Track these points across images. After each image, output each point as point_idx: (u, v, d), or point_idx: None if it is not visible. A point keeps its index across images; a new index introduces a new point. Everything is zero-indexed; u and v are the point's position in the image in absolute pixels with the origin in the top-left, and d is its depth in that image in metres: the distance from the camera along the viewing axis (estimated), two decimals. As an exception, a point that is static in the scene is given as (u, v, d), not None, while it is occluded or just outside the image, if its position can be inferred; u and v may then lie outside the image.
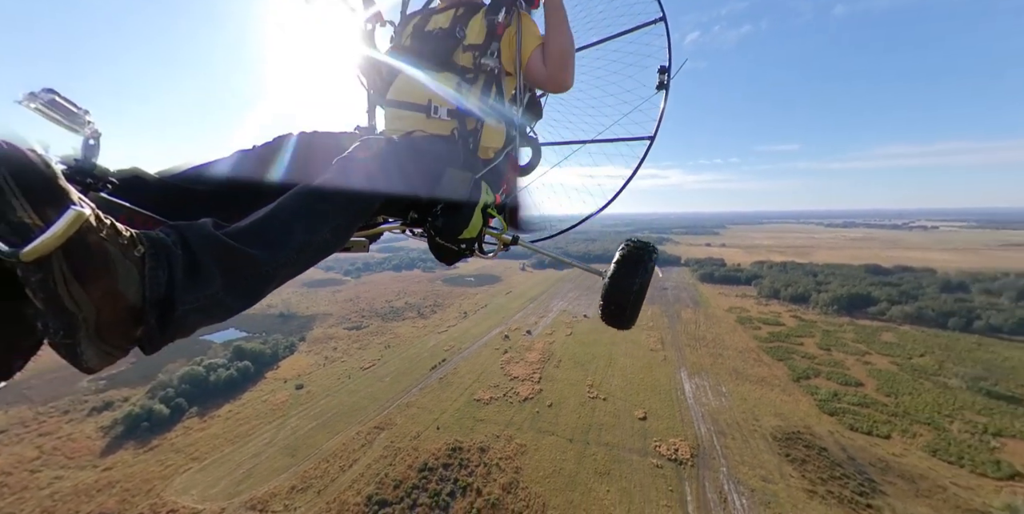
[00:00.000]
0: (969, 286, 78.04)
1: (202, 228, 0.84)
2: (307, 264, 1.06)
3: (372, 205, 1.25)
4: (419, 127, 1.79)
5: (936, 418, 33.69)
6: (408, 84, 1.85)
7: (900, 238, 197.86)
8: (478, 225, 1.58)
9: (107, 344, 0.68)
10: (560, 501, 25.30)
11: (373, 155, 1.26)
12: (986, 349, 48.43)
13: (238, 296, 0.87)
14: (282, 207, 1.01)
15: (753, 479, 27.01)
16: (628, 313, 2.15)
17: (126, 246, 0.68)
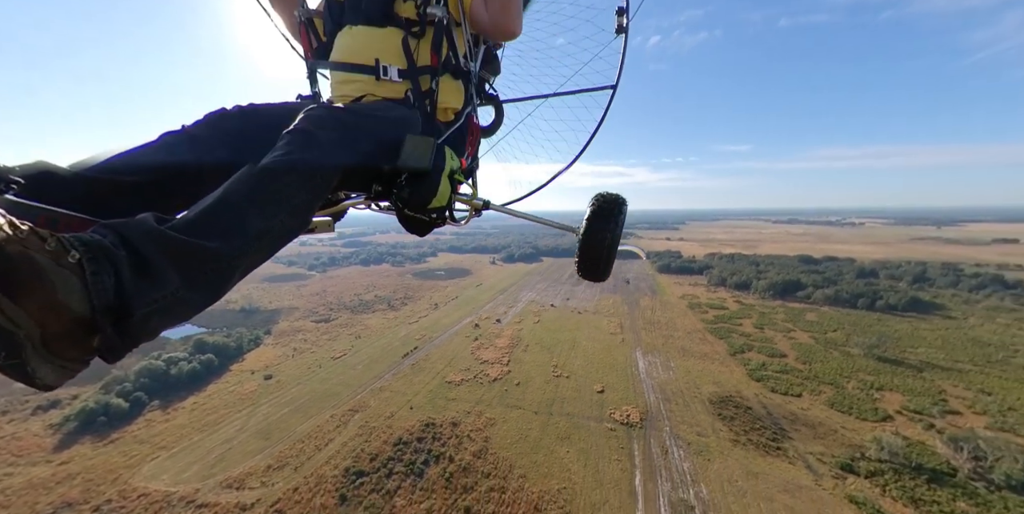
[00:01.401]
0: (878, 272, 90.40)
1: (143, 224, 0.77)
2: (271, 250, 1.01)
3: (330, 181, 1.16)
4: (369, 91, 1.67)
5: (838, 379, 40.17)
6: (351, 43, 1.71)
7: (832, 233, 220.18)
8: (446, 193, 1.52)
9: (60, 359, 0.63)
10: (525, 462, 28.18)
11: (322, 125, 1.17)
12: (883, 324, 57.24)
13: (200, 292, 0.83)
14: (231, 192, 0.93)
15: (690, 435, 31.38)
16: (603, 265, 2.16)
17: (56, 253, 0.61)
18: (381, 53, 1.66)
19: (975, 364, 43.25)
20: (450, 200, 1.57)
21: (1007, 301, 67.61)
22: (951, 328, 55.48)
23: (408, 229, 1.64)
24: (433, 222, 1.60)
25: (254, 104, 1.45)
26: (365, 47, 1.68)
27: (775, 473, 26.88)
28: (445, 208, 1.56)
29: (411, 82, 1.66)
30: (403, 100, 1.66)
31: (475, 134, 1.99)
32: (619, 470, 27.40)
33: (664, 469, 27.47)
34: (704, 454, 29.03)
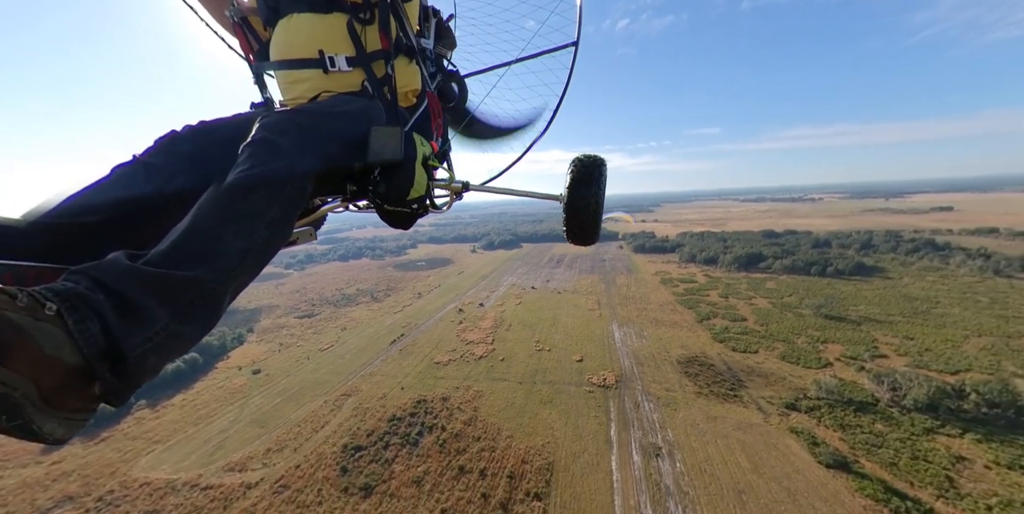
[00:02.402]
0: (831, 242, 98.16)
1: (116, 264, 0.75)
2: (256, 269, 0.99)
3: (303, 189, 1.11)
4: (322, 88, 1.58)
5: (789, 336, 44.83)
6: (292, 37, 1.57)
7: (794, 209, 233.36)
8: (423, 181, 1.47)
9: (64, 411, 0.62)
10: (512, 425, 30.70)
11: (281, 131, 1.12)
12: (832, 287, 63.17)
13: (192, 322, 0.82)
14: (201, 216, 0.91)
15: (660, 391, 34.81)
16: (590, 229, 2.15)
17: (30, 309, 0.59)
18: (325, 43, 1.54)
19: (903, 316, 49.11)
20: (428, 188, 1.52)
21: (936, 262, 75.68)
22: (888, 287, 62.00)
23: (391, 224, 1.59)
24: (415, 213, 1.54)
25: (205, 122, 1.38)
26: (307, 39, 1.55)
27: (731, 416, 30.61)
28: (425, 197, 1.51)
29: (364, 70, 1.57)
30: (361, 91, 1.58)
31: (440, 115, 1.91)
32: (596, 424, 30.38)
33: (636, 420, 30.68)
34: (671, 406, 32.48)
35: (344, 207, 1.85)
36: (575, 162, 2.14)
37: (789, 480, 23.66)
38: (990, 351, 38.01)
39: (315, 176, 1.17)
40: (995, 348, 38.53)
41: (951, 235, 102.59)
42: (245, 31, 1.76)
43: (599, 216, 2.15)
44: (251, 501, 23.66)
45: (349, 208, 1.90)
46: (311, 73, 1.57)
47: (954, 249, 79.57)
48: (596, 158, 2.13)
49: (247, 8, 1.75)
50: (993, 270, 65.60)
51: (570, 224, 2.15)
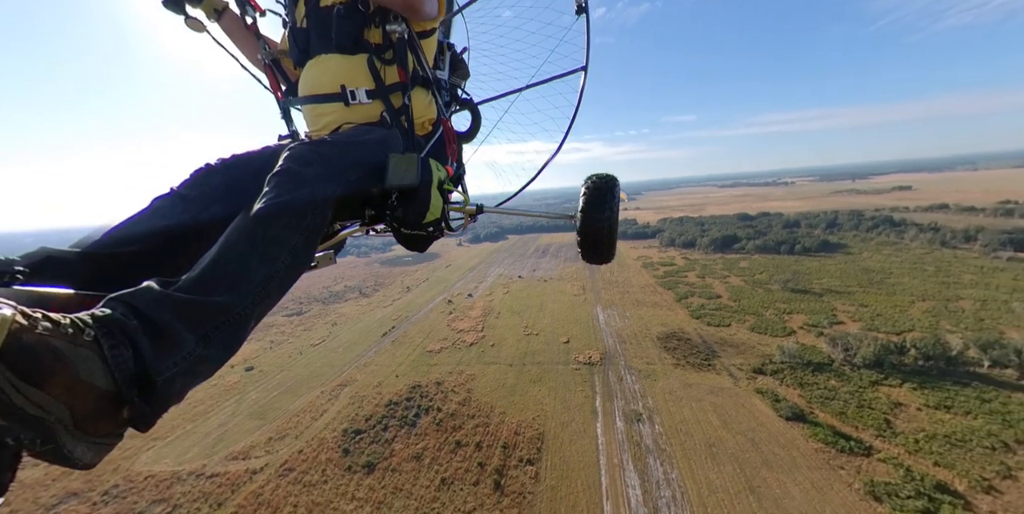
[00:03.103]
0: (800, 223, 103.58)
1: (149, 291, 0.80)
2: (281, 292, 1.04)
3: (324, 215, 1.19)
4: (344, 120, 1.69)
5: (759, 310, 48.16)
6: (318, 75, 1.71)
7: (769, 192, 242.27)
8: (439, 205, 1.53)
9: (95, 436, 0.64)
10: (504, 403, 32.58)
11: (305, 162, 1.19)
12: (799, 264, 67.35)
13: (217, 346, 0.86)
14: (229, 244, 0.97)
15: (640, 364, 37.33)
16: (606, 249, 2.19)
17: (72, 334, 0.63)
18: (347, 79, 1.66)
19: (860, 286, 53.30)
20: (444, 211, 1.58)
21: (892, 237, 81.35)
22: (848, 262, 66.63)
23: (407, 247, 1.65)
24: (431, 236, 1.59)
25: (236, 154, 1.48)
26: (332, 76, 1.67)
27: (705, 382, 33.34)
28: (440, 220, 1.57)
29: (383, 102, 1.67)
30: (380, 121, 1.67)
31: (455, 140, 2.00)
32: (583, 397, 32.60)
33: (619, 392, 33.05)
34: (651, 377, 35.01)
35: (363, 232, 1.91)
36: (587, 183, 2.17)
37: (753, 432, 26.42)
38: (931, 313, 42.16)
39: (336, 203, 1.24)
40: (935, 310, 42.75)
41: (907, 212, 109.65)
42: (275, 71, 1.92)
43: (614, 237, 2.18)
44: (258, 484, 24.78)
45: (368, 232, 1.96)
46: (334, 106, 1.69)
47: (908, 225, 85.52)
48: (608, 178, 2.16)
49: (278, 51, 1.92)
50: (940, 242, 71.26)
51: (585, 245, 2.18)
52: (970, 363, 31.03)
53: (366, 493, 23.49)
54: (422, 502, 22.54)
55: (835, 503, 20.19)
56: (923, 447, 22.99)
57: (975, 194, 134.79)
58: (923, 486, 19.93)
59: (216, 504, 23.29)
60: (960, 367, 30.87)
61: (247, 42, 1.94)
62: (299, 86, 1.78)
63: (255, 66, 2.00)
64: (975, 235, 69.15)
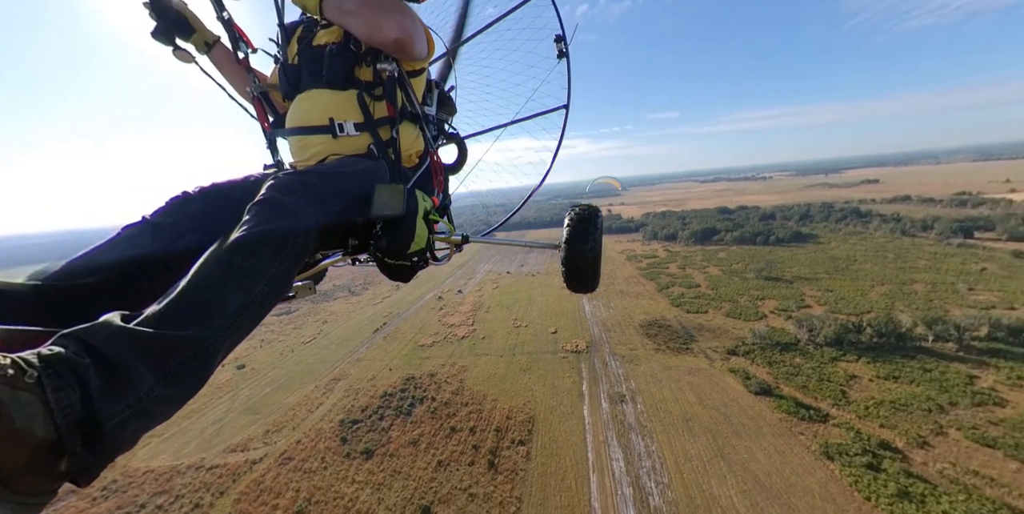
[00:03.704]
0: (775, 215, 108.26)
1: (106, 326, 0.73)
2: (251, 325, 0.98)
3: (306, 245, 1.16)
4: (331, 151, 1.69)
5: (734, 297, 50.99)
6: (307, 108, 1.73)
7: (747, 187, 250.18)
8: (424, 235, 1.53)
9: (24, 494, 0.55)
10: (496, 390, 34.06)
11: (289, 191, 1.17)
12: (773, 253, 70.94)
13: (178, 384, 0.79)
14: (202, 273, 0.91)
15: (624, 350, 39.38)
16: (590, 276, 2.20)
17: (11, 376, 0.55)
18: (336, 112, 1.67)
19: (827, 273, 56.90)
20: (429, 241, 1.58)
21: (858, 227, 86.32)
22: (818, 251, 70.61)
23: (391, 278, 1.61)
24: (415, 266, 1.58)
25: (216, 183, 1.44)
26: (321, 110, 1.69)
27: (683, 364, 35.61)
28: (425, 250, 1.57)
29: (371, 134, 1.68)
30: (367, 153, 1.68)
31: (441, 172, 2.02)
32: (570, 382, 34.39)
33: (604, 376, 34.97)
34: (634, 362, 37.09)
35: (345, 262, 1.88)
36: (570, 214, 2.21)
37: (726, 407, 28.70)
38: (888, 296, 45.70)
39: (319, 232, 1.22)
40: (892, 293, 46.34)
41: (873, 204, 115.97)
42: (263, 103, 1.92)
43: (598, 266, 2.22)
44: (258, 473, 25.58)
45: (351, 262, 1.94)
46: (322, 138, 1.68)
47: (873, 216, 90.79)
48: (591, 209, 2.21)
49: (268, 84, 1.94)
50: (901, 231, 76.21)
51: (569, 275, 2.21)
52: (917, 339, 34.19)
53: (366, 476, 24.63)
54: (420, 482, 23.84)
55: (794, 463, 22.51)
56: (871, 412, 25.65)
57: (935, 186, 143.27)
58: (869, 445, 22.46)
59: (218, 492, 24.03)
60: (908, 342, 34.00)
61: (236, 74, 1.97)
62: (287, 118, 1.81)
63: (243, 97, 2.01)
64: (931, 224, 74.27)
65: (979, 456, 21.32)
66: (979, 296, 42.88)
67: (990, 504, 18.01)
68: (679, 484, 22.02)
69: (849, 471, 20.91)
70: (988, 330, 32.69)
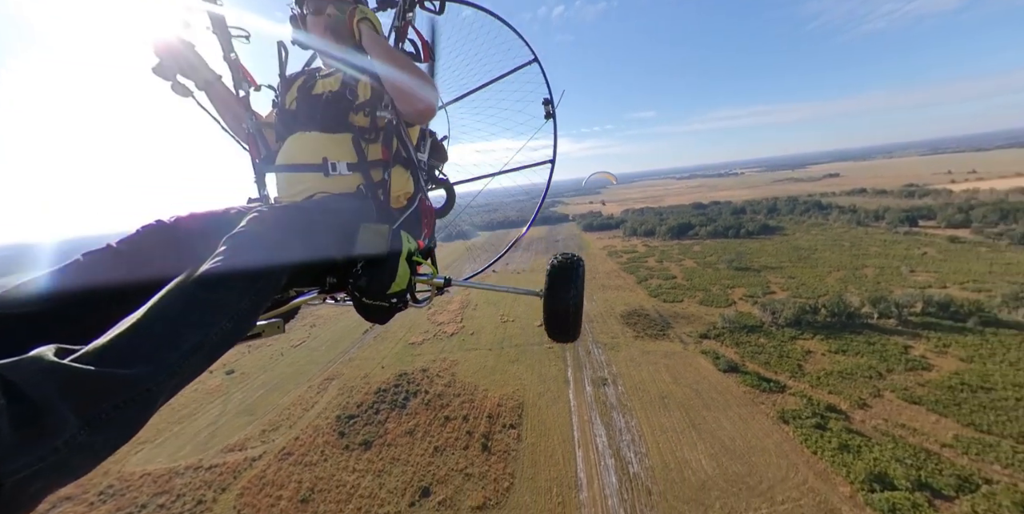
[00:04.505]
0: (746, 209, 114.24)
1: (36, 361, 0.65)
2: (205, 365, 0.89)
3: (277, 281, 1.11)
4: (320, 189, 1.69)
5: (707, 286, 54.42)
6: (300, 146, 1.77)
7: (720, 183, 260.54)
8: (406, 276, 1.52)
9: None
10: (486, 381, 35.74)
11: (272, 225, 1.14)
12: (743, 246, 75.36)
13: (111, 433, 0.68)
14: (161, 306, 0.84)
15: (606, 339, 41.81)
16: (571, 327, 2.23)
17: None
18: (329, 153, 1.70)
19: (791, 262, 61.31)
20: (411, 282, 1.56)
21: (820, 218, 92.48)
22: (783, 242, 75.55)
23: (367, 318, 1.58)
24: (394, 307, 1.54)
25: (194, 213, 1.39)
26: (314, 149, 1.72)
27: (660, 349, 38.28)
28: (406, 291, 1.54)
29: (362, 175, 1.70)
30: (355, 192, 1.68)
31: (429, 216, 2.02)
32: (556, 370, 36.45)
33: (588, 363, 37.22)
34: (615, 348, 39.53)
35: (321, 300, 1.85)
36: (554, 261, 2.26)
37: (697, 384, 31.40)
38: (842, 280, 50.04)
39: (296, 268, 1.18)
40: (846, 278, 50.75)
41: (834, 196, 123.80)
42: (257, 139, 1.96)
43: (579, 316, 2.25)
44: (259, 469, 26.38)
45: (326, 301, 1.92)
46: (312, 176, 1.71)
47: (833, 208, 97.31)
48: (574, 259, 2.25)
49: (263, 121, 2.00)
50: (856, 221, 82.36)
51: (550, 324, 2.25)
52: (864, 316, 38.03)
53: (365, 465, 25.87)
54: (418, 467, 25.28)
55: (755, 428, 25.24)
56: (822, 382, 28.84)
57: (888, 179, 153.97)
58: (818, 409, 25.46)
59: (220, 489, 24.74)
60: (857, 320, 37.79)
61: (231, 110, 2.00)
62: (279, 155, 1.83)
63: (236, 132, 2.05)
64: (883, 214, 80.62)
65: (907, 412, 24.61)
66: (919, 277, 47.65)
67: (911, 449, 21.11)
68: (655, 453, 24.34)
69: (800, 432, 23.74)
70: (922, 306, 36.79)
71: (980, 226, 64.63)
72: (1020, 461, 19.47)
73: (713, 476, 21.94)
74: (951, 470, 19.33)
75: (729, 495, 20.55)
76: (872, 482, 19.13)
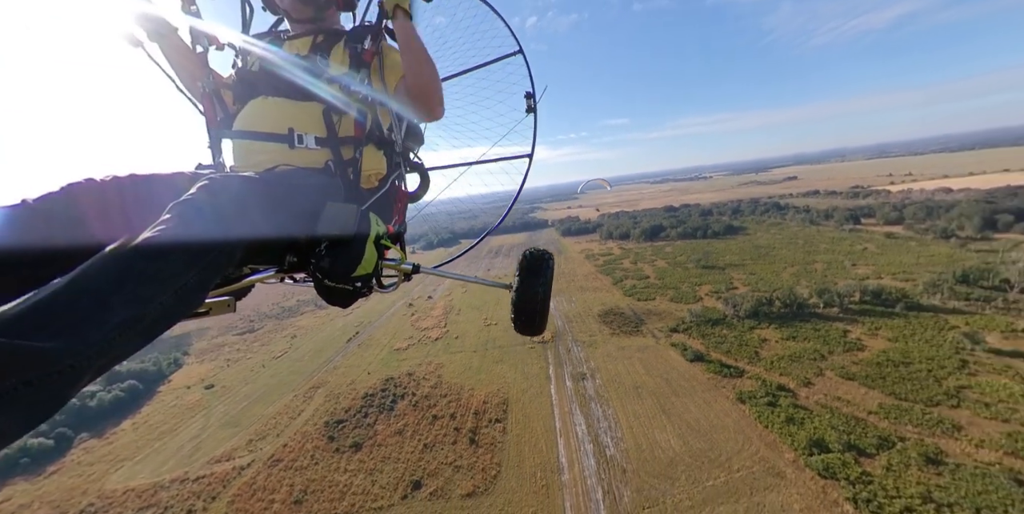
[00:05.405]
0: (713, 211, 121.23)
1: None
2: (141, 343, 0.81)
3: (230, 256, 1.02)
4: (283, 160, 1.58)
5: (678, 285, 58.09)
6: (262, 113, 1.66)
7: (690, 186, 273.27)
8: (373, 259, 1.45)
9: None
10: (472, 381, 37.15)
11: (228, 195, 1.06)
12: (710, 245, 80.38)
13: (15, 413, 0.59)
14: (90, 274, 0.76)
15: (584, 337, 44.16)
16: (538, 320, 2.24)
17: None
18: (297, 123, 1.60)
19: (751, 259, 66.26)
20: (377, 266, 1.51)
21: (777, 219, 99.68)
22: (745, 241, 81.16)
23: (329, 301, 1.51)
24: (357, 291, 1.47)
25: (136, 174, 1.25)
26: (278, 117, 1.62)
27: (634, 344, 40.95)
28: (371, 275, 1.48)
29: (331, 151, 1.61)
30: (324, 169, 1.59)
31: (402, 200, 1.96)
32: (538, 368, 38.35)
33: (567, 360, 39.35)
34: (593, 346, 41.91)
35: (278, 279, 1.78)
36: (524, 255, 2.31)
37: (667, 374, 34.08)
38: (795, 274, 54.87)
39: (251, 244, 1.11)
40: (798, 272, 55.67)
41: (791, 198, 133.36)
42: (214, 100, 1.81)
43: (546, 311, 2.28)
44: (248, 477, 26.63)
45: (284, 280, 1.86)
46: (276, 146, 1.60)
47: (789, 208, 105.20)
48: (544, 252, 2.31)
49: (221, 82, 1.86)
50: (809, 221, 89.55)
51: (517, 318, 2.24)
52: (812, 306, 42.22)
53: (357, 465, 26.69)
54: (409, 463, 26.37)
55: (717, 409, 27.99)
56: (775, 365, 32.15)
57: (838, 181, 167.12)
58: (770, 389, 28.55)
59: (210, 498, 24.90)
60: (806, 310, 41.90)
61: (186, 67, 1.86)
62: (238, 119, 1.72)
63: (191, 92, 1.92)
64: (832, 214, 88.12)
65: (843, 387, 28.07)
66: (859, 270, 53.02)
67: (844, 418, 24.32)
68: (629, 436, 26.57)
69: (755, 410, 26.61)
70: (860, 295, 41.36)
71: (911, 223, 72.20)
72: (927, 421, 22.95)
73: (680, 453, 24.32)
74: (874, 432, 22.54)
75: (693, 468, 22.94)
76: (811, 447, 22.01)
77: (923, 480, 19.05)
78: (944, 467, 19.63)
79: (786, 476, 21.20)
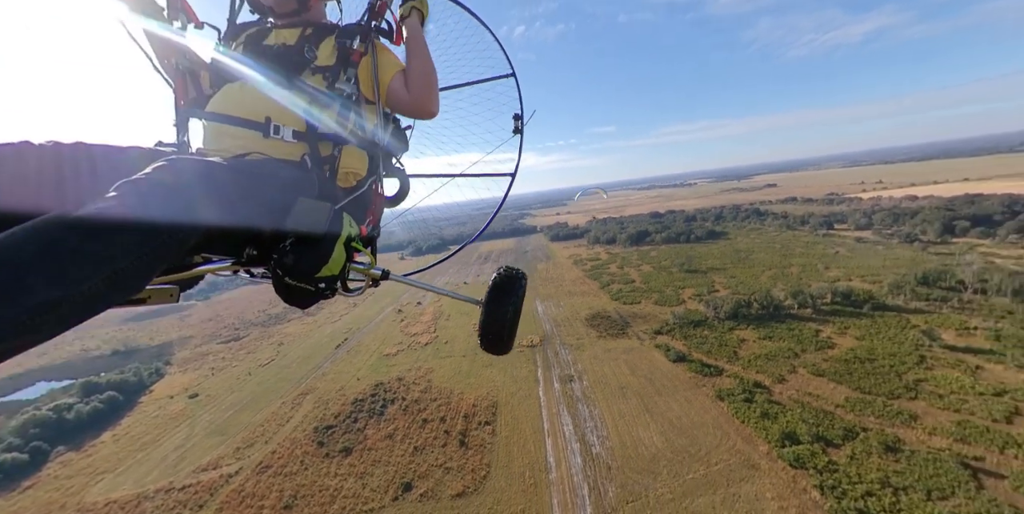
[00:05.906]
0: (696, 217, 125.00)
1: None
2: (57, 330, 0.73)
3: (182, 244, 0.94)
4: (256, 149, 1.51)
5: (662, 288, 59.88)
6: (239, 97, 1.58)
7: (675, 193, 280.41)
8: (340, 261, 1.38)
9: None
10: (461, 385, 37.62)
11: (188, 179, 0.98)
12: (693, 250, 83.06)
13: None
14: (7, 245, 0.68)
15: (572, 340, 45.17)
16: (505, 339, 2.21)
17: None
18: (275, 113, 1.53)
19: (732, 263, 68.77)
20: (344, 269, 1.43)
21: (757, 224, 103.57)
22: (726, 245, 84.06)
23: (287, 300, 1.42)
24: (319, 292, 1.40)
25: (84, 142, 1.18)
26: (257, 104, 1.54)
27: (620, 346, 42.15)
28: (337, 278, 1.41)
29: (308, 146, 1.55)
30: (298, 163, 1.53)
31: (378, 204, 1.92)
32: (527, 371, 39.09)
33: (556, 363, 40.23)
34: (580, 349, 42.93)
35: (232, 271, 1.63)
36: (498, 273, 2.31)
37: (651, 374, 35.28)
38: (773, 277, 57.31)
39: (208, 232, 1.01)
40: (775, 275, 58.16)
41: (770, 204, 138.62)
42: (187, 78, 1.75)
43: (514, 330, 2.24)
44: (236, 484, 26.46)
45: (238, 273, 1.73)
46: (249, 133, 1.52)
47: (768, 214, 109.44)
48: (517, 271, 2.32)
49: (198, 63, 1.78)
50: (787, 226, 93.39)
51: (484, 336, 2.21)
52: (787, 308, 44.31)
53: (347, 469, 26.83)
54: (399, 466, 26.67)
55: (697, 407, 29.23)
56: (752, 364, 33.73)
57: (814, 188, 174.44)
58: (747, 386, 30.01)
59: (197, 506, 24.67)
60: (782, 311, 43.94)
61: (162, 41, 1.79)
62: (212, 100, 1.65)
63: (163, 67, 1.84)
64: (808, 219, 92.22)
65: (814, 383, 29.76)
66: (831, 273, 55.81)
67: (814, 412, 25.89)
68: (615, 435, 27.50)
69: (733, 406, 27.95)
70: (831, 297, 43.67)
71: (879, 228, 76.38)
72: (887, 412, 24.68)
73: (662, 449, 25.36)
74: (840, 424, 24.12)
75: (675, 463, 23.98)
76: (784, 440, 23.37)
77: (882, 466, 20.54)
78: (901, 454, 21.21)
79: (760, 467, 22.44)
